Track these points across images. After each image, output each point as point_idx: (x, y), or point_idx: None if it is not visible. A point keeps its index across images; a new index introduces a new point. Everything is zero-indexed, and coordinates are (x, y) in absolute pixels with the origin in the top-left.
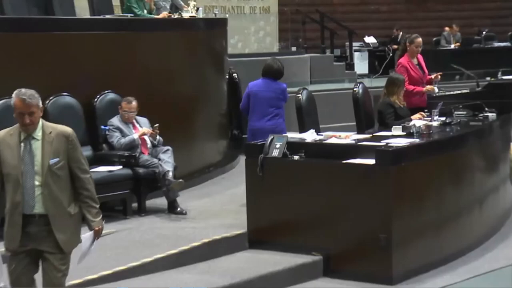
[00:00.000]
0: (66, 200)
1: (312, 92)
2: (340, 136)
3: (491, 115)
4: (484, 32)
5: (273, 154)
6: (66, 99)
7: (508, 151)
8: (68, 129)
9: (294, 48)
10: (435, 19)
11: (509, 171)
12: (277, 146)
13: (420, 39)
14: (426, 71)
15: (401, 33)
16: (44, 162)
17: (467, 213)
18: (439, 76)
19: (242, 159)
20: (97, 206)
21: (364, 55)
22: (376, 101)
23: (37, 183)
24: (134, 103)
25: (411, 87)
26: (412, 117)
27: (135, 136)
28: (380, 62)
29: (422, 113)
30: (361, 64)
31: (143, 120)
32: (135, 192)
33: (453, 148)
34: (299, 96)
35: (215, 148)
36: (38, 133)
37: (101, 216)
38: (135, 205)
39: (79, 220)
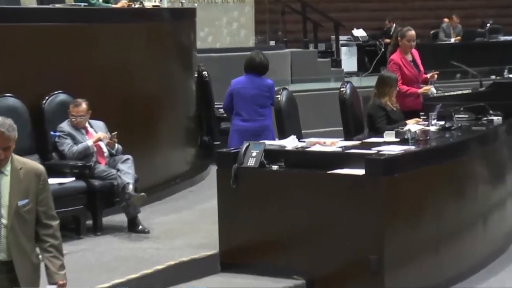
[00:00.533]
0: (30, 247)
1: (293, 93)
2: (325, 143)
3: (497, 119)
4: (488, 24)
5: (248, 164)
6: (9, 101)
7: None
8: (40, 167)
9: (272, 42)
10: (433, 9)
11: None
12: (253, 154)
13: (412, 32)
14: (422, 68)
15: (394, 25)
16: (12, 202)
17: (470, 230)
18: (436, 76)
19: (213, 169)
20: (63, 258)
21: (352, 50)
22: (366, 103)
23: (2, 226)
24: (83, 105)
25: (404, 88)
26: (407, 121)
27: (89, 142)
28: (370, 58)
29: (418, 118)
30: (349, 61)
31: (99, 124)
32: (90, 208)
33: (454, 157)
34: (278, 97)
35: (182, 157)
36: (7, 167)
37: (65, 270)
38: (89, 222)
39: (39, 271)
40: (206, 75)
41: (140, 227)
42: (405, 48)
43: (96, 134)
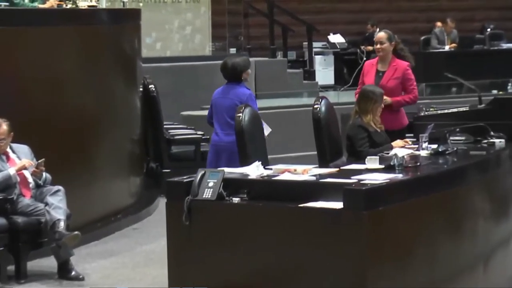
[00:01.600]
0: None
1: (258, 110)
2: (295, 170)
3: (499, 142)
4: (489, 29)
5: (204, 196)
6: None
7: None
8: None
9: (233, 50)
10: (424, 11)
11: None
12: (210, 184)
13: (380, 35)
14: (391, 84)
15: (377, 30)
16: None
17: (468, 274)
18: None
19: (162, 202)
20: None
21: (328, 59)
22: (345, 122)
23: None
24: (3, 127)
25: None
26: (393, 144)
27: (11, 171)
28: (350, 69)
29: (406, 140)
30: (324, 72)
31: (23, 149)
32: (12, 250)
33: (449, 187)
34: (239, 116)
35: (124, 188)
36: None
37: None
38: (11, 268)
39: None
40: (154, 89)
41: (73, 272)
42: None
43: (20, 161)
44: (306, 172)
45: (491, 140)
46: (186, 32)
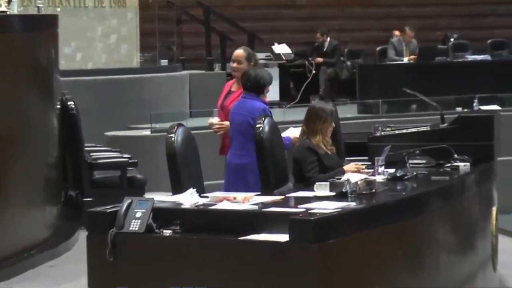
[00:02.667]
0: None
1: (191, 130)
2: (235, 198)
3: (463, 166)
4: (452, 39)
5: (131, 228)
6: None
7: (489, 219)
8: None
9: (164, 62)
10: (380, 18)
11: (491, 250)
12: (138, 215)
13: (238, 52)
14: (230, 105)
15: (328, 39)
16: None
17: None
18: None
19: (82, 235)
20: None
21: (273, 72)
22: (292, 144)
23: None
24: None
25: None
26: (346, 168)
27: None
28: (297, 83)
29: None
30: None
31: None
32: None
33: (408, 216)
34: (172, 137)
35: (39, 219)
36: None
37: None
38: None
39: None
40: (73, 106)
41: None
42: None
43: None
44: (247, 201)
45: (455, 164)
46: (111, 41)
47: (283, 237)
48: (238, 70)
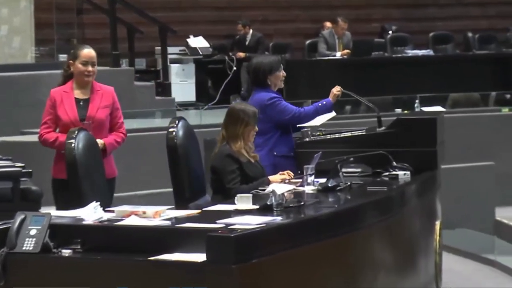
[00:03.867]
0: None
1: (93, 136)
2: (145, 213)
3: (403, 174)
4: (390, 32)
5: (25, 248)
6: None
7: (432, 235)
8: None
9: (63, 57)
10: (309, 7)
11: (434, 269)
12: (32, 232)
13: (87, 52)
14: (101, 116)
15: (251, 31)
16: None
17: None
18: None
19: None
20: None
21: (188, 69)
22: (209, 150)
23: None
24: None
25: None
26: (271, 178)
27: None
28: (216, 81)
29: (286, 172)
30: (183, 86)
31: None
32: None
33: (341, 231)
34: (71, 143)
35: None
36: None
37: None
38: None
39: None
40: None
41: None
42: (80, 75)
43: None
44: (158, 215)
45: (394, 173)
46: (1, 33)
47: (200, 257)
48: (93, 74)
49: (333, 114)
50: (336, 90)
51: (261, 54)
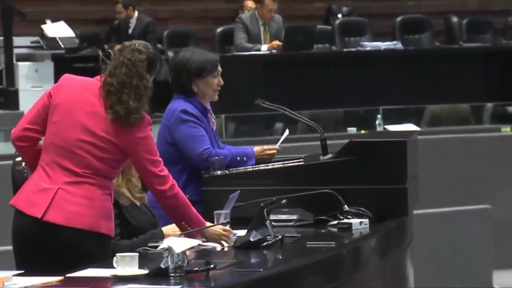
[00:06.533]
0: None
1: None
2: None
3: (359, 224)
4: (340, 15)
5: None
6: None
7: None
8: None
9: None
10: None
11: None
12: None
13: None
14: None
15: (136, 13)
16: None
17: None
18: None
19: None
20: None
21: (44, 69)
22: None
23: None
24: None
25: None
26: (165, 229)
27: None
28: None
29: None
30: (36, 93)
31: None
32: None
33: None
34: None
35: None
36: None
37: None
38: None
39: None
40: None
41: None
42: None
43: None
44: (2, 284)
45: (345, 221)
46: None
47: None
48: None
49: (286, 133)
50: (270, 151)
51: (192, 47)
